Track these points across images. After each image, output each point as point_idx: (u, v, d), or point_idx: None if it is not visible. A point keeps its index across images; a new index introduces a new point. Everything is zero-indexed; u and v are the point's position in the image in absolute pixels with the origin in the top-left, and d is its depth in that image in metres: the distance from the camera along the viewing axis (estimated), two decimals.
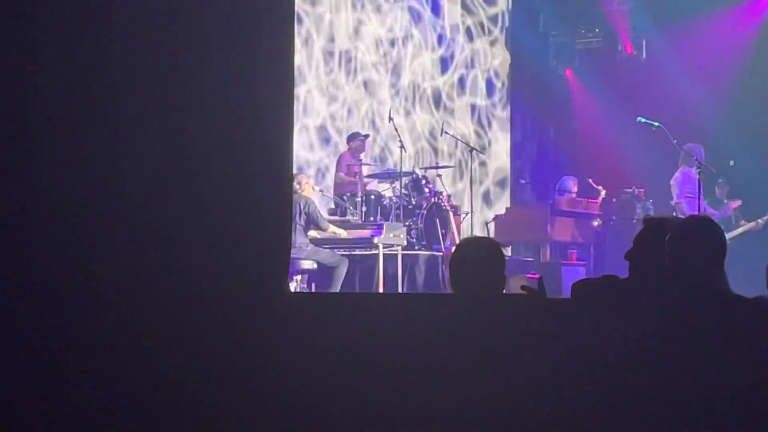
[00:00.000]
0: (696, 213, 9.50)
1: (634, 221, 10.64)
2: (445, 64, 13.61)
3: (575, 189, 11.73)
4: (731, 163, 11.58)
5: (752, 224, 10.75)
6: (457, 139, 12.80)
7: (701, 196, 10.16)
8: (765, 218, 10.78)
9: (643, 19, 13.65)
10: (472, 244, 4.88)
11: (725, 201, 11.04)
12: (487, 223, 12.53)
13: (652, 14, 13.51)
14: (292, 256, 7.48)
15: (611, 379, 3.61)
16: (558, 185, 12.00)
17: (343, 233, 9.99)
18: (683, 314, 3.78)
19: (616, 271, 4.64)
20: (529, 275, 9.86)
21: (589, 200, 11.66)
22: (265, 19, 4.79)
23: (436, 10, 13.55)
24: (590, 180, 11.83)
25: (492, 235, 11.56)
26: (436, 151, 13.27)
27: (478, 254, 4.34)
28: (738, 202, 10.99)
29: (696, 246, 3.95)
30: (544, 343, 3.77)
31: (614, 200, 11.56)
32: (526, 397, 3.62)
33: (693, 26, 13.22)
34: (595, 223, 11.33)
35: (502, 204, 13.82)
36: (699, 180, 10.10)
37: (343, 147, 11.41)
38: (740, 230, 10.68)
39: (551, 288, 10.63)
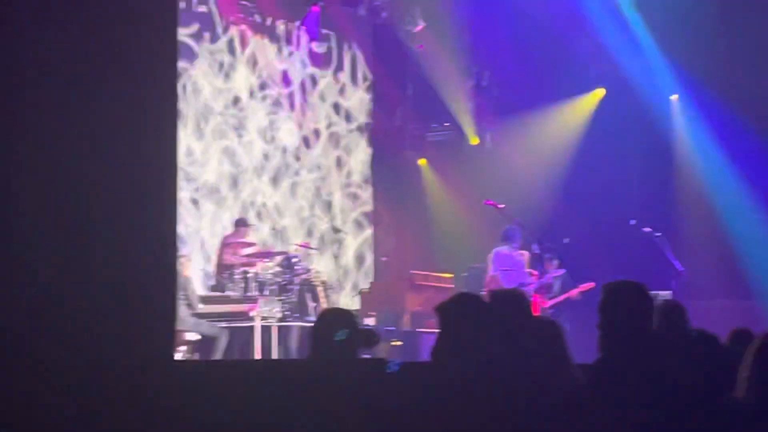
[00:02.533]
0: (512, 284, 9.82)
1: (482, 292, 10.85)
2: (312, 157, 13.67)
3: None
4: (565, 240, 11.56)
5: (573, 292, 10.94)
6: (331, 224, 13.08)
7: (521, 269, 10.62)
8: (582, 288, 10.94)
9: (487, 113, 13.89)
10: (329, 314, 5.01)
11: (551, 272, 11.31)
12: (353, 297, 12.77)
13: (495, 109, 13.79)
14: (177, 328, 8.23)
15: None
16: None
17: (217, 309, 10.05)
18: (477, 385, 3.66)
19: None
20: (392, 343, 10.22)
21: (442, 274, 11.86)
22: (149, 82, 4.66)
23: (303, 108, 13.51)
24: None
25: (358, 306, 11.59)
26: (310, 232, 13.24)
27: (336, 324, 4.24)
28: (561, 271, 11.20)
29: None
30: (390, 399, 3.74)
31: (464, 274, 11.74)
32: None
33: (531, 119, 13.63)
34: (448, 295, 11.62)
35: (367, 279, 13.78)
36: (512, 255, 10.60)
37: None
38: (562, 297, 10.94)
39: (411, 353, 10.72)
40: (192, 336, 9.53)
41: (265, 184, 13.09)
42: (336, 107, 13.99)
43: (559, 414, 3.58)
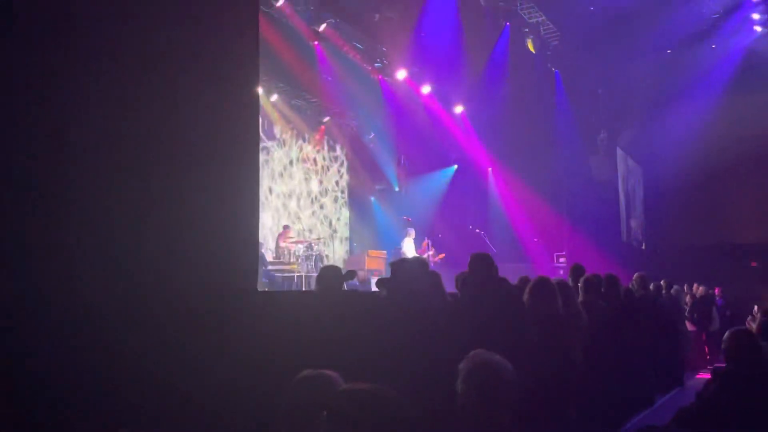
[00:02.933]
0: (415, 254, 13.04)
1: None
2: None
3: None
4: (439, 235, 16.18)
5: (437, 258, 14.32)
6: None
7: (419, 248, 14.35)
8: (440, 257, 14.34)
9: (403, 176, 18.87)
10: (329, 267, 5.52)
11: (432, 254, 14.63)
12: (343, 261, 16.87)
13: (407, 173, 18.83)
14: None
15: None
16: None
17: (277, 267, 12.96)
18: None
19: None
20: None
21: (381, 252, 15.14)
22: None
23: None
24: None
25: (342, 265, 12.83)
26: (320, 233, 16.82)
27: (332, 272, 5.24)
28: (441, 255, 14.93)
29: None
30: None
31: (392, 251, 14.91)
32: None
33: (425, 178, 18.67)
34: None
35: (346, 254, 17.74)
36: (413, 240, 14.35)
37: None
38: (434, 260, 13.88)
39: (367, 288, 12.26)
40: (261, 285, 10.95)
41: (301, 206, 17.00)
42: (330, 173, 18.35)
43: (438, 324, 4.34)
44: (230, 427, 4.01)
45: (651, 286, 9.71)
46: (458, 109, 18.06)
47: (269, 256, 13.85)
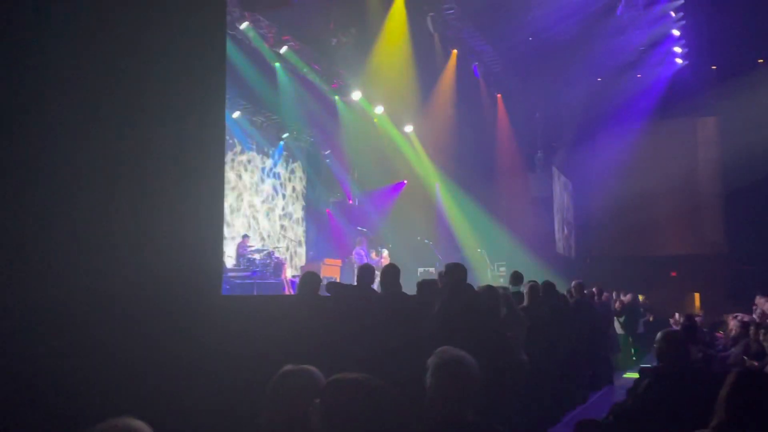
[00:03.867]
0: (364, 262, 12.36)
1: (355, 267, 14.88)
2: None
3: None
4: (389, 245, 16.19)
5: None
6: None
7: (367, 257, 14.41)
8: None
9: (356, 186, 18.97)
10: (306, 274, 5.84)
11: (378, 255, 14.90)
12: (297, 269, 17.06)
13: (361, 187, 18.90)
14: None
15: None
16: None
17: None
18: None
19: None
20: None
21: (336, 260, 15.24)
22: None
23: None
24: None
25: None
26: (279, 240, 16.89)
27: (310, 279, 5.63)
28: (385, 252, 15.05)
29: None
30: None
31: (346, 259, 15.32)
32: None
33: (375, 193, 18.70)
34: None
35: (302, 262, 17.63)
36: (363, 249, 14.59)
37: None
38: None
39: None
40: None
41: (261, 216, 17.13)
42: (288, 186, 18.39)
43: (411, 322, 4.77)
44: (208, 426, 3.95)
45: (585, 292, 9.84)
46: (408, 128, 18.20)
47: (229, 264, 13.77)
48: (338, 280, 14.01)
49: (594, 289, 11.13)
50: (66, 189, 3.72)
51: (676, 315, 13.06)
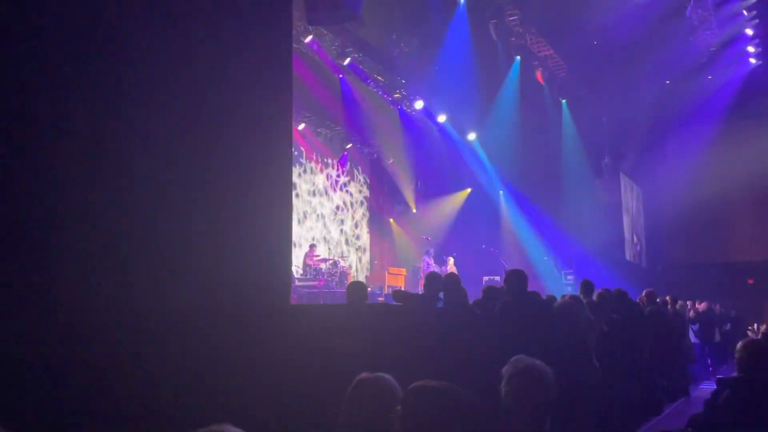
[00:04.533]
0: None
1: (420, 276, 14.46)
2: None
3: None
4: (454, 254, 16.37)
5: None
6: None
7: (434, 265, 14.49)
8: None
9: (419, 198, 18.65)
10: (354, 283, 5.87)
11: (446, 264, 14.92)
12: (364, 277, 16.99)
13: (423, 196, 18.62)
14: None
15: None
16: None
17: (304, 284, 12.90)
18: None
19: None
20: None
21: (401, 269, 15.17)
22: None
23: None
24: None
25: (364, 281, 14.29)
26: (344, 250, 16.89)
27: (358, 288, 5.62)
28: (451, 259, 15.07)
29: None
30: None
31: (410, 268, 15.37)
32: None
33: (439, 200, 18.49)
34: None
35: (367, 271, 17.79)
36: (430, 259, 14.66)
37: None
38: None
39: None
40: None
41: (326, 226, 17.11)
42: (352, 196, 18.39)
43: (470, 330, 4.58)
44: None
45: (657, 301, 9.57)
46: (472, 136, 18.10)
47: (296, 273, 13.78)
48: (403, 289, 14.04)
49: (667, 298, 10.81)
50: (149, 204, 3.82)
51: (755, 324, 12.53)
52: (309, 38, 13.78)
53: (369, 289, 13.90)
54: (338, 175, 18.01)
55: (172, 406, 3.44)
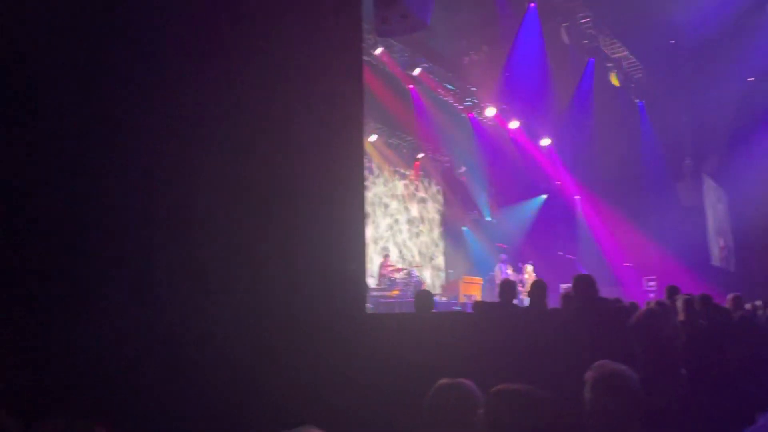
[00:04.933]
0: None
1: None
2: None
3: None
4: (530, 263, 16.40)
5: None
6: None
7: (510, 273, 14.52)
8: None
9: (494, 206, 19.08)
10: (422, 292, 6.17)
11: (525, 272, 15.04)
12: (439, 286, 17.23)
13: (497, 204, 18.98)
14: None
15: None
16: None
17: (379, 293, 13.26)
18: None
19: None
20: None
21: (477, 278, 15.23)
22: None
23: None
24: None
25: (440, 291, 15.87)
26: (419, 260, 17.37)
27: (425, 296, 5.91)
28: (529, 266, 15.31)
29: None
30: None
31: (486, 277, 15.48)
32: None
33: (515, 208, 18.92)
34: None
35: (441, 280, 18.05)
36: (506, 266, 14.85)
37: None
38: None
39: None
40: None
41: (400, 236, 17.50)
42: (425, 205, 18.82)
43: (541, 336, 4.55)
44: None
45: (747, 306, 9.11)
46: (545, 141, 17.89)
47: (371, 282, 14.04)
48: (479, 299, 14.01)
49: (758, 302, 10.30)
50: (231, 217, 3.95)
51: None
52: (379, 50, 13.91)
53: (444, 298, 14.75)
54: (411, 185, 18.12)
55: (262, 406, 3.56)
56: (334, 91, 4.96)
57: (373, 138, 16.29)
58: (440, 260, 18.82)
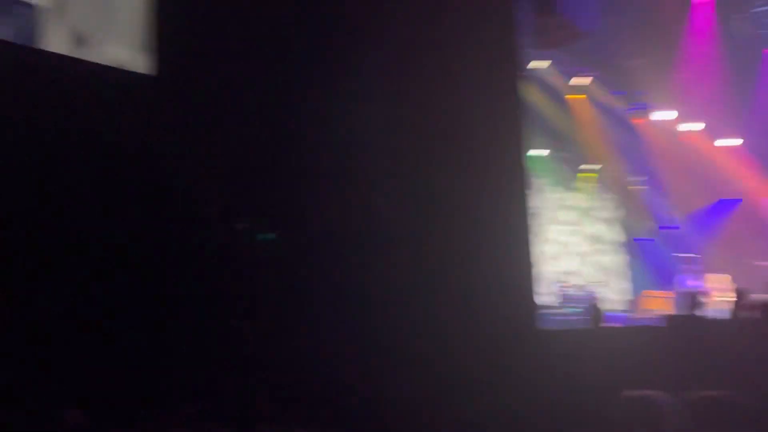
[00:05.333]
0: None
1: None
2: None
3: None
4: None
5: None
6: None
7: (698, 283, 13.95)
8: None
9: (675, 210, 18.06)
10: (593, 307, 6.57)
11: None
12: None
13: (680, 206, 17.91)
14: None
15: None
16: None
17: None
18: None
19: None
20: None
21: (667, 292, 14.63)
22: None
23: None
24: None
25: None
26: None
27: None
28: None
29: None
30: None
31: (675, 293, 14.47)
32: None
33: (701, 214, 17.63)
34: None
35: None
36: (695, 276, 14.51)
37: None
38: None
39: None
40: None
41: (574, 250, 16.86)
42: (602, 219, 17.77)
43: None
44: None
45: None
46: (730, 142, 16.74)
47: (548, 299, 13.73)
48: (665, 312, 13.00)
49: None
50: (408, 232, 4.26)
51: None
52: (538, 63, 13.66)
53: (628, 315, 14.39)
54: (587, 198, 17.59)
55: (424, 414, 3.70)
56: (494, 105, 5.26)
57: (538, 152, 15.86)
58: (620, 274, 17.81)
